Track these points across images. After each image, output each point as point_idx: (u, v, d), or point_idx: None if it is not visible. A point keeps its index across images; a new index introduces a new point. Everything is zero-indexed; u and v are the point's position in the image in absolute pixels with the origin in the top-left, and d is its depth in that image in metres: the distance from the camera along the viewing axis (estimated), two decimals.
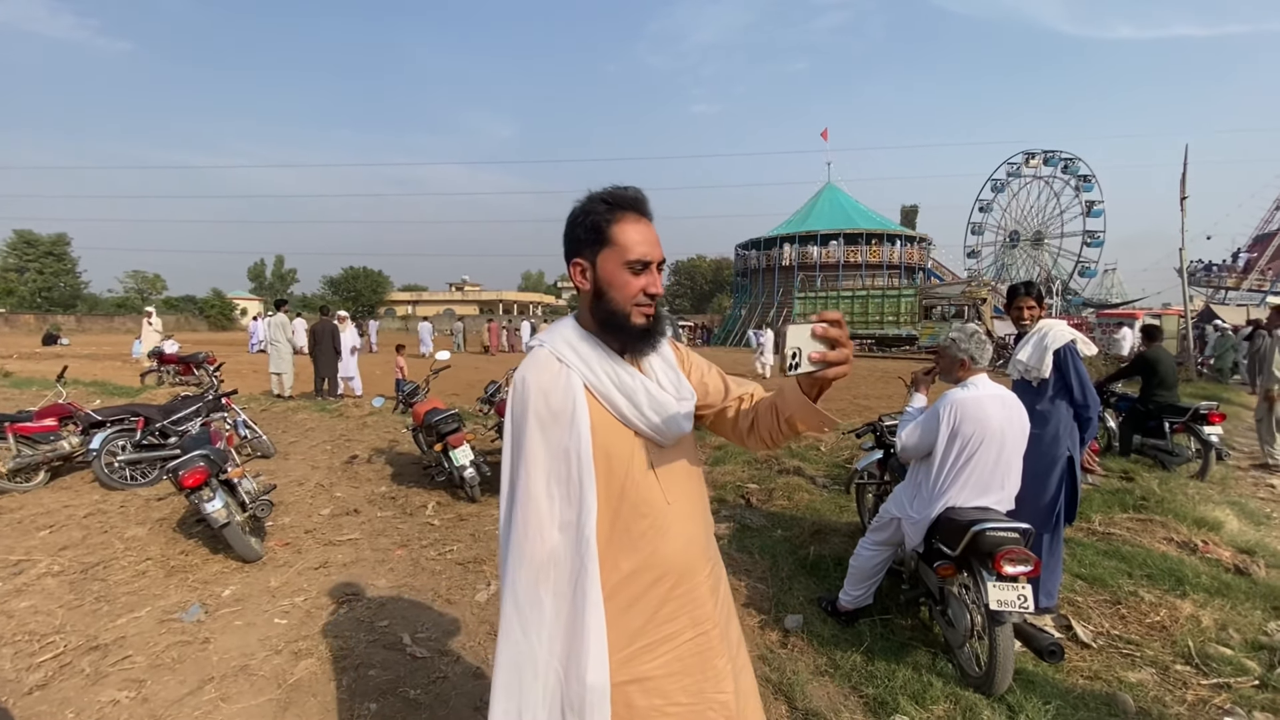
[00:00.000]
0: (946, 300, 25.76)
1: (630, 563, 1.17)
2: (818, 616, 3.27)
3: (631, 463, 1.20)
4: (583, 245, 1.20)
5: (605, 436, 1.17)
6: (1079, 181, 45.01)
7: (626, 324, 1.20)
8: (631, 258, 1.17)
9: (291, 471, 6.18)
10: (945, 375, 2.91)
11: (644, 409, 1.20)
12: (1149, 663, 2.85)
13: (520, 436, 1.17)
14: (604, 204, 1.19)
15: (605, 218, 1.18)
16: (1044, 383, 3.29)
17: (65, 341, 28.71)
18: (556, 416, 1.14)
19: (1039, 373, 3.28)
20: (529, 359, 1.23)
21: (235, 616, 3.29)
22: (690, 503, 1.29)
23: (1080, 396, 3.20)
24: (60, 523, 4.66)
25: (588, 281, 1.21)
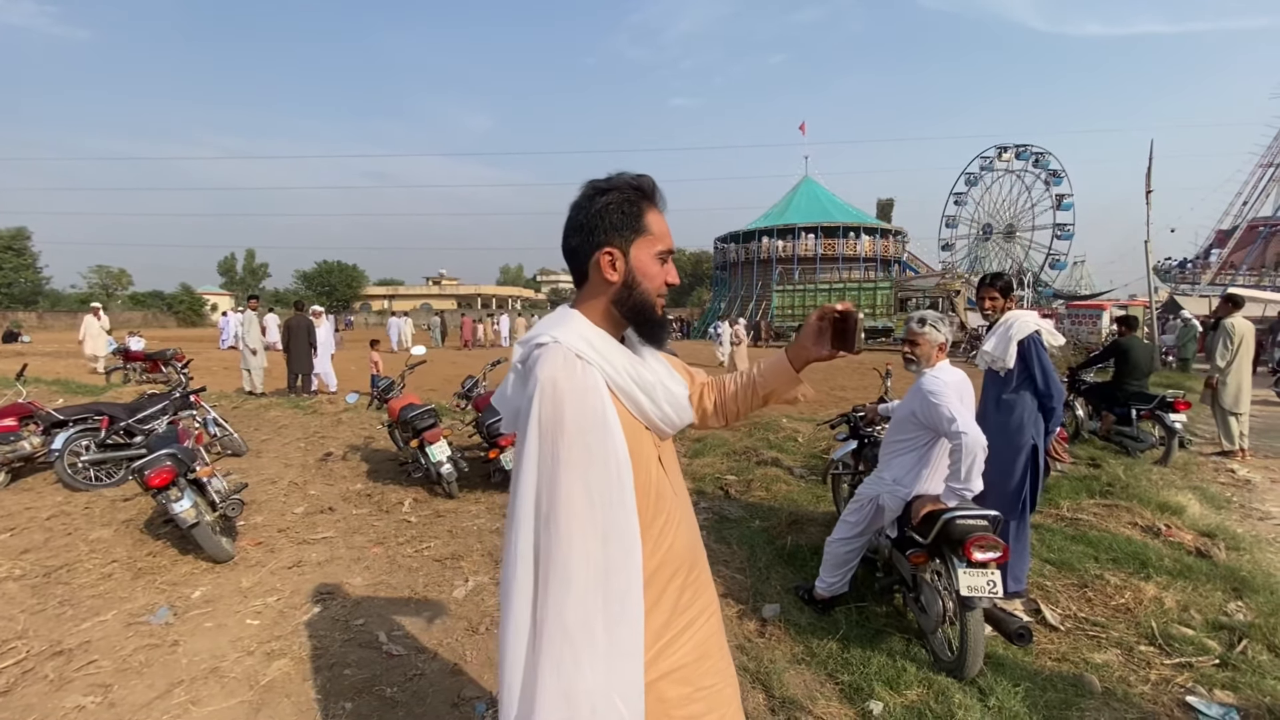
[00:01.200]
0: (921, 293, 26.13)
1: (654, 560, 1.14)
2: (795, 605, 3.31)
3: (649, 458, 1.15)
4: (615, 233, 1.13)
5: (630, 434, 1.10)
6: (1049, 175, 45.84)
7: (653, 316, 1.17)
8: (662, 248, 1.16)
9: (264, 470, 6.06)
10: (921, 363, 2.91)
11: (661, 403, 1.17)
12: (1114, 644, 2.93)
13: (557, 445, 1.02)
14: (637, 191, 1.14)
15: (640, 205, 1.14)
16: (1010, 373, 3.36)
17: (26, 339, 27.76)
18: (593, 419, 1.04)
19: (1004, 363, 3.35)
20: (549, 358, 1.07)
21: (205, 618, 3.23)
22: (684, 489, 1.30)
23: (1043, 386, 3.27)
24: (21, 525, 4.52)
25: (617, 272, 1.14)
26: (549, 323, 1.15)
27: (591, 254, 1.14)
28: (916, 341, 2.90)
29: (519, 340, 1.16)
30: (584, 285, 1.19)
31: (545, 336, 1.11)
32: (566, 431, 1.02)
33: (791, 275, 36.94)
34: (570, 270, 1.21)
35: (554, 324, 1.14)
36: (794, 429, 7.52)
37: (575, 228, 1.15)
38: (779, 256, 40.04)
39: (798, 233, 40.32)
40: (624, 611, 1.02)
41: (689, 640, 1.18)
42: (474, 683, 2.68)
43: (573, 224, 1.16)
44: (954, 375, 2.84)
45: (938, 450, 2.82)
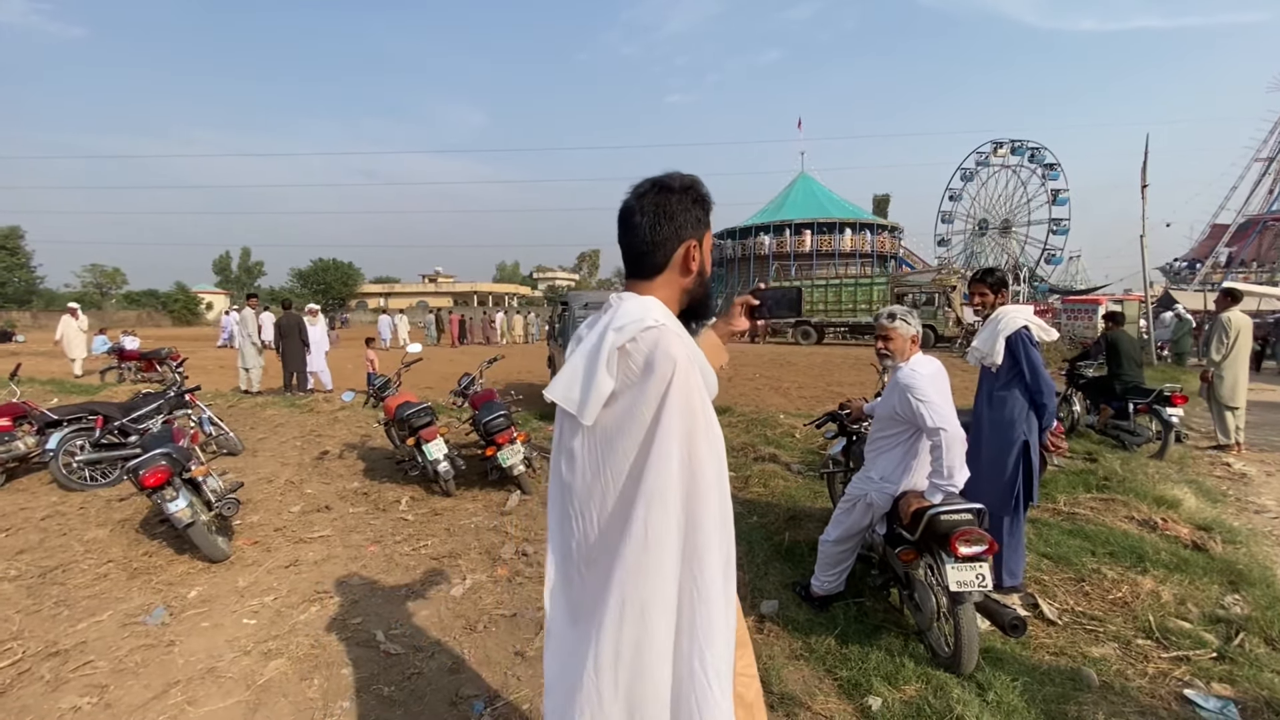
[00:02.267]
0: (917, 288, 26.08)
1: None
2: (793, 601, 3.31)
3: None
4: (698, 226, 1.23)
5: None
6: (1045, 170, 45.93)
7: (712, 304, 1.29)
8: (712, 242, 1.28)
9: (260, 469, 6.04)
10: (896, 358, 2.90)
11: (711, 381, 1.22)
12: (1112, 638, 2.94)
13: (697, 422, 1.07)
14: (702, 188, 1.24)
15: (709, 203, 1.25)
16: (1000, 368, 3.36)
17: (20, 339, 27.68)
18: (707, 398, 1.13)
19: (992, 359, 3.35)
20: (669, 341, 1.11)
21: (201, 618, 3.21)
22: None
23: (1032, 382, 3.25)
24: (16, 526, 4.50)
25: (696, 263, 1.23)
26: (639, 309, 1.16)
27: (678, 245, 1.22)
28: (889, 336, 2.90)
29: (613, 326, 1.14)
30: (653, 274, 1.24)
31: (650, 319, 1.13)
32: (704, 409, 1.09)
33: (788, 271, 36.96)
34: (638, 260, 1.24)
35: (646, 310, 1.16)
36: (791, 425, 7.52)
37: (663, 218, 1.20)
38: (775, 252, 40.05)
39: (794, 229, 40.32)
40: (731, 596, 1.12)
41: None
42: (472, 681, 2.68)
43: (659, 215, 1.20)
44: (929, 366, 2.83)
45: (923, 444, 2.81)
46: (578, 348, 1.20)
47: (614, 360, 1.11)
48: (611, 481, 1.11)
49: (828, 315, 28.14)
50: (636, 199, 1.23)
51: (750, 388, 12.10)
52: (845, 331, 28.30)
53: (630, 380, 1.10)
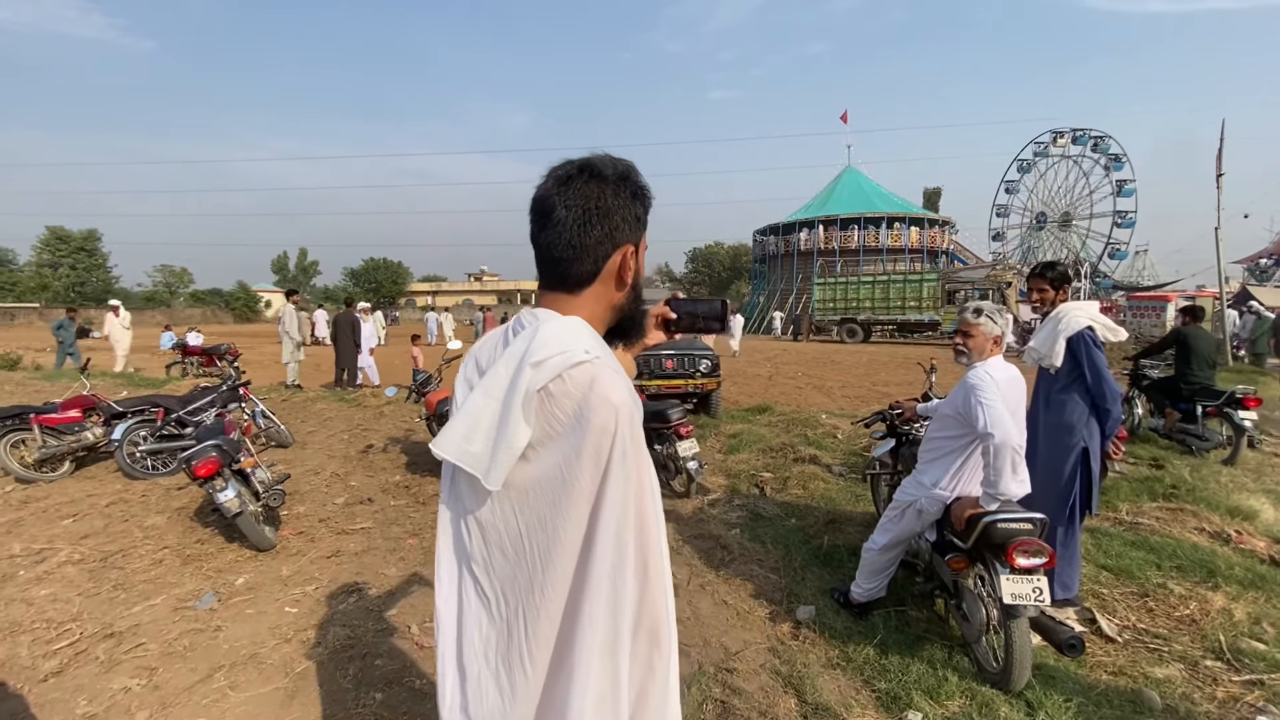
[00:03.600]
0: (970, 284, 25.18)
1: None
2: (830, 608, 3.20)
3: None
4: (636, 227, 1.00)
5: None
6: (1109, 160, 43.61)
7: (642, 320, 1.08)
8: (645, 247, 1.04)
9: (308, 461, 6.24)
10: (973, 356, 2.75)
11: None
12: (1177, 658, 2.74)
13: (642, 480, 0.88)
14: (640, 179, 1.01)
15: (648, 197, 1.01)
16: (1060, 370, 3.17)
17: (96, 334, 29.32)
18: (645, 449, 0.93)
19: (1050, 360, 3.15)
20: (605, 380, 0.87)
21: (247, 605, 3.32)
22: None
23: (1095, 386, 3.05)
24: (83, 512, 4.75)
25: (631, 273, 1.01)
26: (565, 336, 0.91)
27: (612, 251, 0.96)
28: (970, 333, 2.73)
29: (530, 359, 0.87)
30: (579, 287, 0.98)
31: (579, 353, 0.88)
32: (650, 472, 0.91)
33: (833, 268, 36.15)
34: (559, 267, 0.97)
35: (574, 337, 0.91)
36: (833, 425, 7.33)
37: (595, 215, 0.94)
38: (820, 249, 39.26)
39: (839, 224, 39.44)
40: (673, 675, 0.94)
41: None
42: None
43: (589, 212, 0.93)
44: (1005, 372, 2.68)
45: (980, 452, 2.66)
46: (478, 383, 0.92)
47: (532, 405, 0.86)
48: (541, 566, 0.88)
49: (874, 313, 27.43)
50: (558, 187, 0.94)
51: (792, 386, 11.88)
52: (893, 330, 27.55)
53: (555, 431, 0.86)
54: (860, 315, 27.44)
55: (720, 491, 5.16)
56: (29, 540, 4.15)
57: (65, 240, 54.83)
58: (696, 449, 4.88)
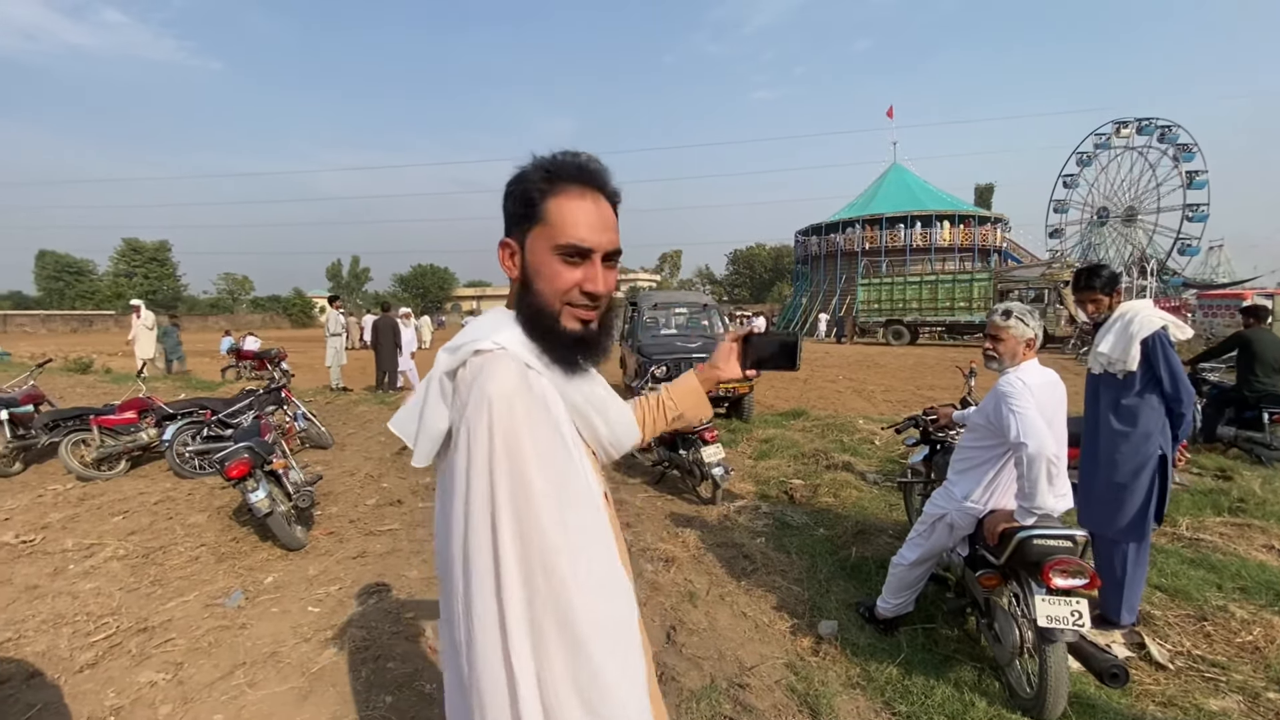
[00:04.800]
0: (1025, 284, 24.12)
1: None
2: (854, 623, 3.07)
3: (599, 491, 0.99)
4: (512, 222, 0.97)
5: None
6: (1178, 151, 41.10)
7: (554, 327, 0.93)
8: (563, 240, 0.91)
9: (345, 462, 6.40)
10: (1004, 361, 2.59)
11: (613, 425, 1.03)
12: (1236, 689, 2.50)
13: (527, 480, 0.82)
14: (543, 172, 0.94)
15: (540, 188, 0.93)
16: (1130, 375, 2.92)
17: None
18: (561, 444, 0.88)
19: (1124, 365, 2.90)
20: (496, 369, 0.87)
21: (273, 603, 3.40)
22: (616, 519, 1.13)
23: (1172, 389, 2.83)
24: (133, 509, 4.99)
25: (515, 266, 0.97)
26: (485, 325, 0.95)
27: (500, 248, 0.99)
28: (1000, 336, 2.56)
29: (445, 347, 0.93)
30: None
31: (486, 341, 0.90)
32: (533, 462, 0.83)
33: (878, 267, 35.23)
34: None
35: (493, 327, 0.94)
36: (870, 431, 7.10)
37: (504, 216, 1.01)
38: (865, 248, 38.34)
39: (885, 222, 38.42)
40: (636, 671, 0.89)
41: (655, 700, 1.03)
42: None
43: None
44: (1040, 377, 2.50)
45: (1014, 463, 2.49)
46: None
47: (443, 390, 0.91)
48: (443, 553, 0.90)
49: (922, 314, 26.57)
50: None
51: (831, 390, 11.59)
52: (941, 331, 26.64)
53: (458, 417, 0.87)
54: (907, 316, 26.62)
55: (748, 498, 5.04)
56: (81, 535, 4.38)
57: (139, 251, 58.38)
58: (722, 454, 4.78)
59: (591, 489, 0.92)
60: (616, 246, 0.96)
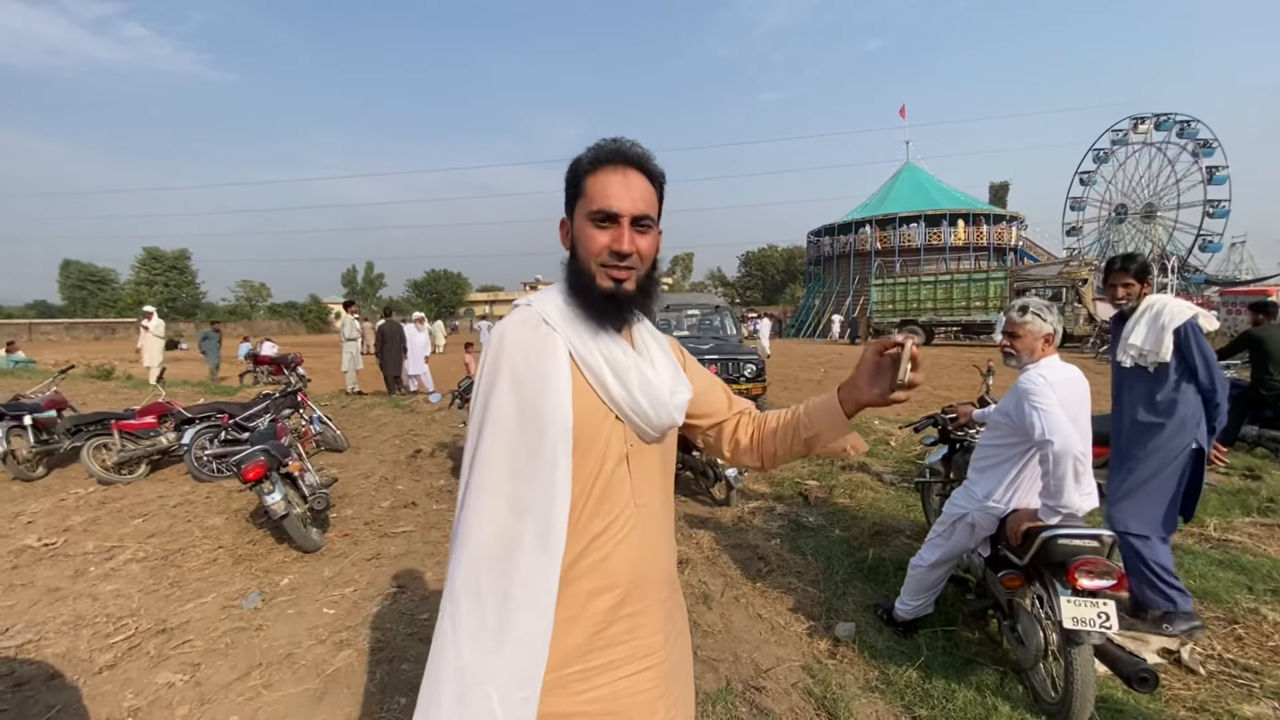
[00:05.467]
0: (1042, 282, 23.79)
1: (577, 567, 1.01)
2: (872, 625, 3.02)
3: (608, 450, 1.04)
4: (566, 202, 1.11)
5: (585, 413, 1.02)
6: (1198, 146, 40.39)
7: (592, 285, 1.04)
8: (594, 207, 1.03)
9: (360, 465, 6.44)
10: (1022, 357, 2.55)
11: (634, 389, 1.05)
12: (1270, 694, 2.43)
13: (489, 397, 1.00)
14: (590, 154, 1.07)
15: (584, 169, 1.05)
16: (1162, 368, 2.87)
17: (185, 346, 31.59)
18: (535, 379, 0.99)
19: (1157, 356, 2.85)
20: (511, 316, 1.09)
21: (289, 605, 3.42)
22: (658, 510, 1.14)
23: (1207, 379, 2.79)
24: (153, 512, 5.04)
25: (567, 240, 1.11)
26: (535, 294, 1.13)
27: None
28: (1017, 333, 2.53)
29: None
30: None
31: (523, 300, 1.11)
32: (500, 382, 1.00)
33: (892, 267, 34.94)
34: None
35: (538, 295, 1.12)
36: (886, 432, 7.02)
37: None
38: (878, 249, 38.06)
39: (899, 222, 38.13)
40: (531, 598, 0.94)
41: (601, 688, 1.01)
42: None
43: None
44: (1061, 373, 2.45)
45: (1037, 460, 2.44)
46: None
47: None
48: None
49: (937, 314, 26.33)
50: None
51: None
52: (957, 331, 26.36)
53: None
54: (922, 317, 26.38)
55: (762, 500, 4.99)
56: (102, 538, 4.43)
57: (159, 260, 59.38)
58: None
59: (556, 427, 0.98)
60: (642, 211, 1.03)
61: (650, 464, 1.12)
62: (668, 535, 1.17)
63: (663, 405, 1.08)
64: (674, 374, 1.14)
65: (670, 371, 1.13)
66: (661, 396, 1.08)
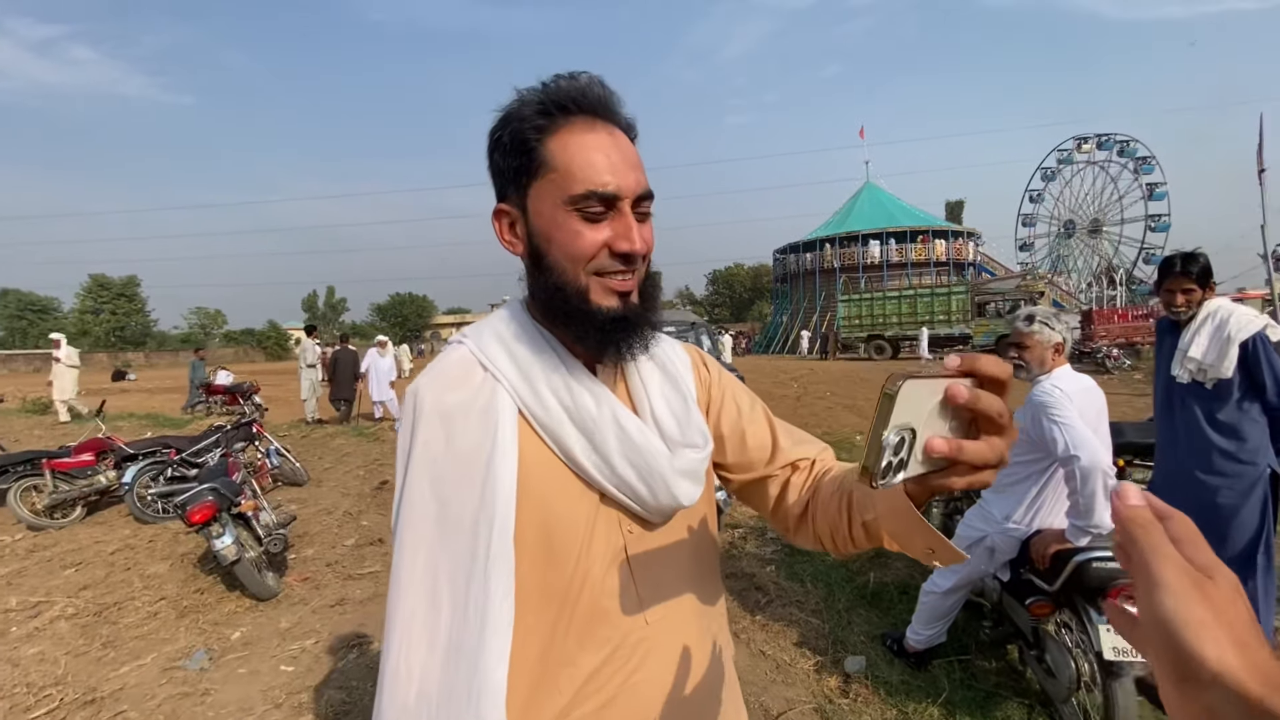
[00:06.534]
0: (1001, 295, 24.47)
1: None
2: (883, 657, 2.82)
3: (590, 547, 0.72)
4: (506, 180, 0.74)
5: (547, 498, 0.71)
6: (1138, 164, 42.57)
7: (584, 308, 0.71)
8: (578, 189, 0.68)
9: (322, 499, 6.03)
10: (1033, 369, 2.41)
11: (613, 457, 0.72)
12: None
13: (401, 488, 0.70)
14: (537, 105, 0.70)
15: (536, 125, 0.69)
16: (1223, 384, 2.55)
17: (133, 377, 30.10)
18: (460, 462, 0.68)
19: (1218, 372, 2.53)
20: (437, 361, 0.77)
21: (240, 663, 3.06)
22: (690, 621, 0.79)
23: (1275, 398, 2.48)
24: (88, 560, 4.58)
25: (519, 239, 0.75)
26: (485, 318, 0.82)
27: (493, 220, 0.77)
28: (1025, 344, 2.39)
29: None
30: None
31: (459, 335, 0.80)
32: (415, 470, 0.69)
33: (857, 283, 35.60)
34: None
35: (486, 318, 0.81)
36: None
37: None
38: (843, 265, 38.81)
39: (862, 239, 39.01)
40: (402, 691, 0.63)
41: None
42: None
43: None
44: (1075, 383, 2.32)
45: (1060, 477, 2.29)
46: None
47: None
48: None
49: (902, 328, 26.81)
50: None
51: (821, 407, 11.46)
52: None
53: None
54: (888, 331, 26.84)
55: (752, 524, 4.79)
56: (28, 592, 3.98)
57: (106, 287, 57.09)
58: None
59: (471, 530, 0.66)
60: (647, 188, 0.72)
61: (668, 557, 0.78)
62: (713, 660, 0.81)
63: (658, 477, 0.73)
64: (683, 418, 0.79)
65: (677, 415, 0.79)
66: (657, 464, 0.73)
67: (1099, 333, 18.75)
